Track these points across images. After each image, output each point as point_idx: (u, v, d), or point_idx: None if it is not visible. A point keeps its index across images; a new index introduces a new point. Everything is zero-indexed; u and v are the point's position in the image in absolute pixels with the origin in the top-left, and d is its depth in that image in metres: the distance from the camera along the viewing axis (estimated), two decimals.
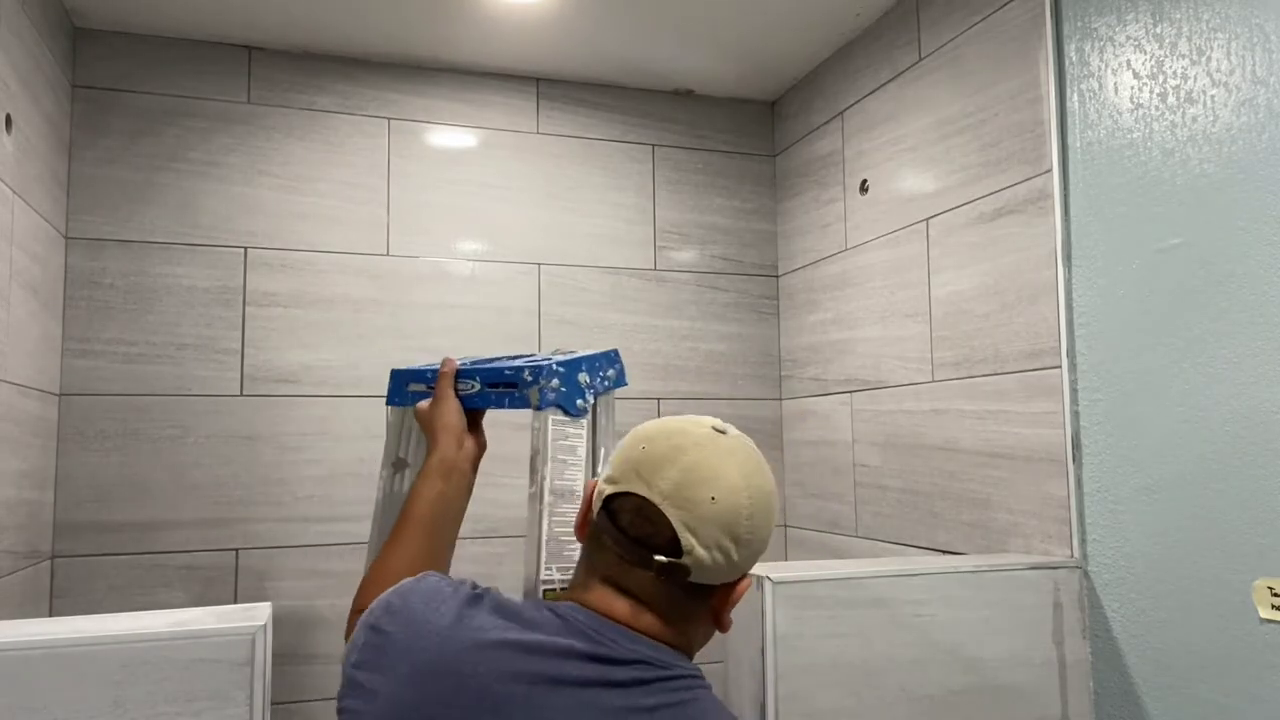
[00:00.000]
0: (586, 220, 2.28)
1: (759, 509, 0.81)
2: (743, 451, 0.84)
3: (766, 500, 0.82)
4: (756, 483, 0.82)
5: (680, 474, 0.79)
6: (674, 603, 0.80)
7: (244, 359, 2.01)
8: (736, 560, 0.79)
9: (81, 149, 1.95)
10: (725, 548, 0.78)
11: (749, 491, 0.80)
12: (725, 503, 0.79)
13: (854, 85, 2.09)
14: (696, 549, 0.77)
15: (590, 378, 1.05)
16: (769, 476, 0.84)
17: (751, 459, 0.84)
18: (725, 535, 0.78)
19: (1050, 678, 1.39)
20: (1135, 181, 1.38)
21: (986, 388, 1.65)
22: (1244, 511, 1.20)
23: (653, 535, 0.78)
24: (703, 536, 0.78)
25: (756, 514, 0.80)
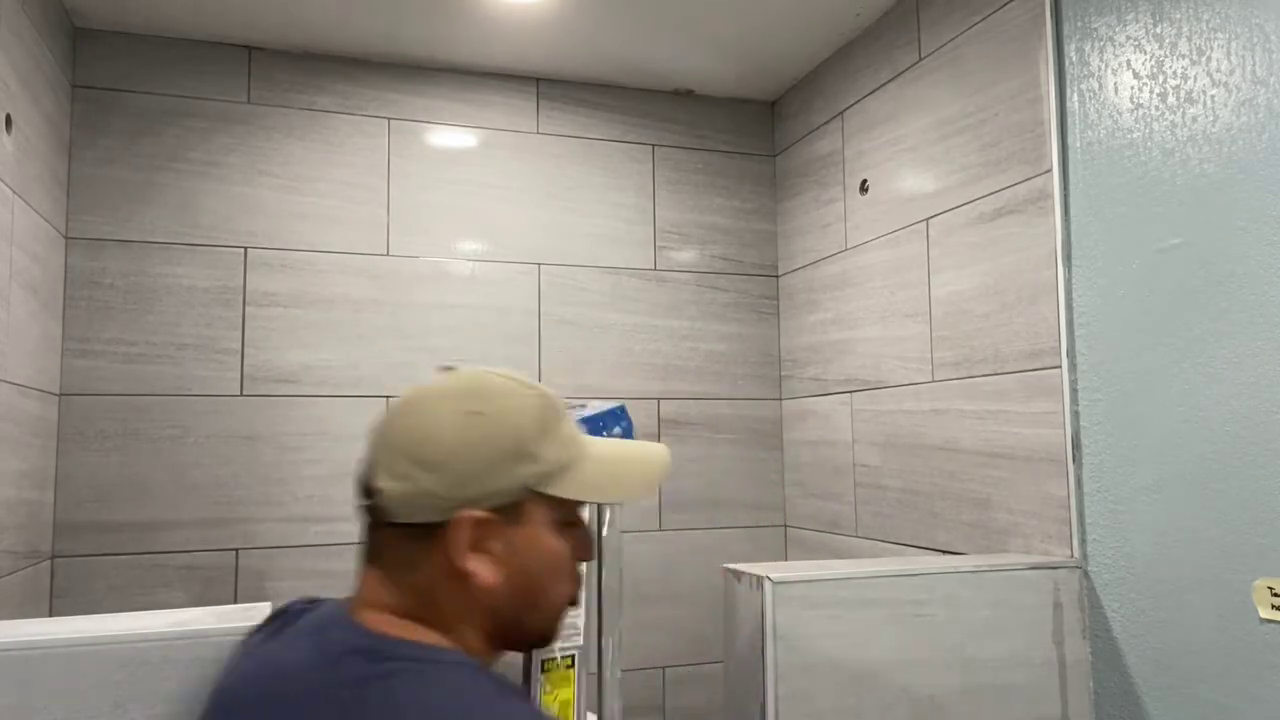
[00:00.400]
0: (586, 220, 2.28)
1: (452, 428, 0.73)
2: (457, 378, 0.78)
3: (466, 420, 0.73)
4: (455, 404, 0.74)
5: (389, 417, 0.76)
6: (399, 561, 0.74)
7: (244, 359, 2.01)
8: (430, 488, 0.71)
9: (81, 149, 1.95)
10: (411, 474, 0.72)
11: (441, 411, 0.74)
12: (411, 426, 0.74)
13: (854, 85, 2.09)
14: (385, 481, 0.72)
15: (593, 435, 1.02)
16: (481, 399, 0.75)
17: (462, 383, 0.77)
18: (408, 460, 0.72)
19: (1050, 678, 1.39)
20: (1135, 181, 1.38)
21: (986, 388, 1.65)
22: (1244, 511, 1.20)
23: (363, 483, 0.76)
24: (389, 466, 0.73)
25: (448, 435, 0.72)
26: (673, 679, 2.21)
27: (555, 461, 0.75)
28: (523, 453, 0.74)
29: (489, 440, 0.73)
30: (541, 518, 0.75)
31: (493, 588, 0.73)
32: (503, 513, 0.73)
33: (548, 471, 0.75)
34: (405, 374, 2.10)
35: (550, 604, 0.78)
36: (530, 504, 0.74)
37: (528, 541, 0.75)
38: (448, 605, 0.74)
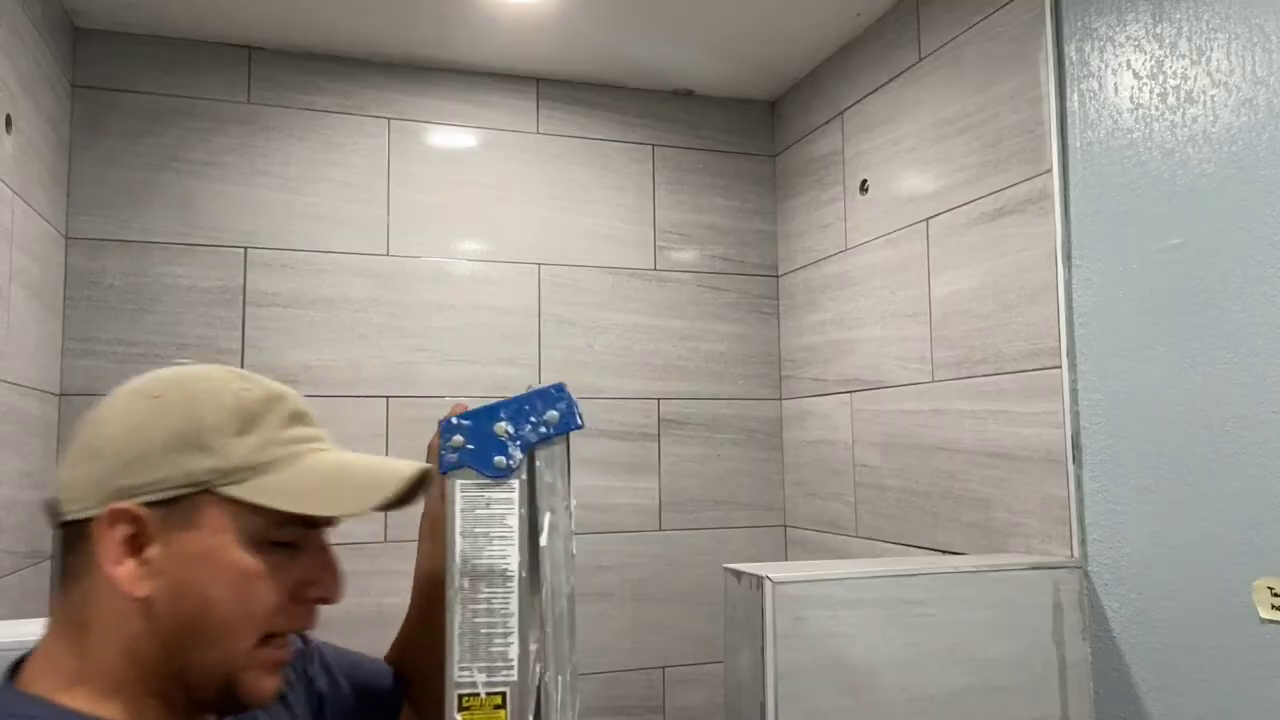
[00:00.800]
0: (586, 220, 2.28)
1: (123, 410, 0.65)
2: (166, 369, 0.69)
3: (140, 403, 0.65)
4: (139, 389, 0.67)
5: None
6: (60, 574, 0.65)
7: (244, 359, 2.01)
8: (87, 474, 0.63)
9: (81, 149, 1.95)
10: (76, 461, 0.64)
11: (121, 395, 0.67)
12: (91, 414, 0.67)
13: (854, 85, 2.09)
14: (60, 473, 0.65)
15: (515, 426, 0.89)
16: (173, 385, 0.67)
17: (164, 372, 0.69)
18: (75, 449, 0.65)
19: (1050, 678, 1.39)
20: (1135, 181, 1.38)
21: (986, 388, 1.65)
22: (1244, 511, 1.20)
23: None
24: (65, 459, 0.66)
25: (116, 419, 0.64)
26: (673, 679, 2.21)
27: (242, 460, 0.64)
28: (198, 443, 0.63)
29: (156, 424, 0.64)
30: (224, 525, 0.63)
31: (143, 600, 0.62)
32: (166, 510, 0.62)
33: (227, 469, 0.64)
34: (405, 374, 2.10)
35: (223, 636, 0.63)
36: (208, 507, 0.63)
37: (198, 549, 0.63)
38: (100, 633, 0.62)
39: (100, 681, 0.62)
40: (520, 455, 0.88)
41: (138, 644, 0.62)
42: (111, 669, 0.62)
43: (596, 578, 2.16)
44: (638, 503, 2.23)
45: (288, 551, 0.67)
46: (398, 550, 2.05)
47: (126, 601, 0.62)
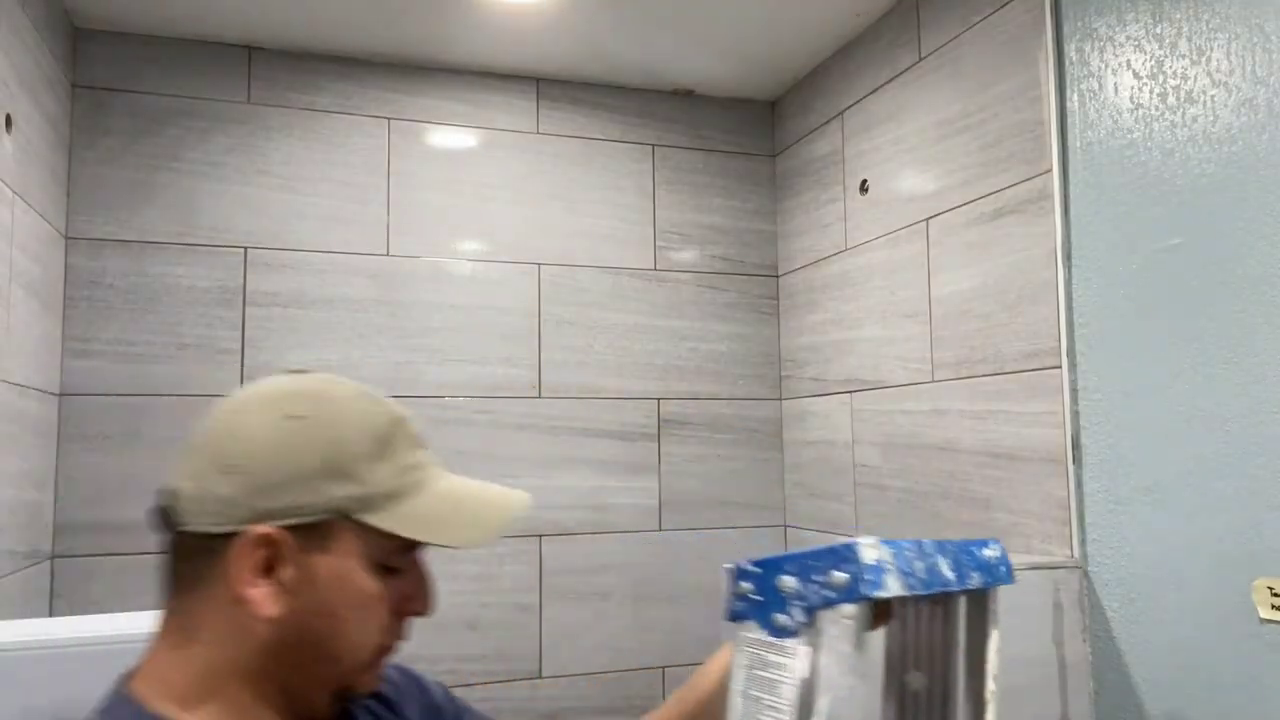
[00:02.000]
0: (586, 220, 2.28)
1: (261, 428, 0.64)
2: (290, 380, 0.69)
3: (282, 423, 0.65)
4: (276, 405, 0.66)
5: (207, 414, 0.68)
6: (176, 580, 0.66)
7: (244, 359, 2.01)
8: (221, 492, 0.62)
9: (81, 149, 1.95)
10: (205, 473, 0.63)
11: (256, 410, 0.66)
12: (219, 425, 0.66)
13: (854, 85, 2.09)
14: (178, 483, 0.65)
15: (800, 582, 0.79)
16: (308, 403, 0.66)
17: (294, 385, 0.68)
18: (207, 461, 0.64)
19: (1050, 678, 1.38)
20: (1135, 181, 1.38)
21: (986, 388, 1.65)
22: (1243, 511, 1.20)
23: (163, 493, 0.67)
24: (186, 469, 0.65)
25: (256, 436, 0.64)
26: (673, 679, 2.21)
27: (381, 487, 0.65)
28: (341, 470, 0.64)
29: (303, 448, 0.64)
30: (355, 550, 0.64)
31: (272, 620, 0.62)
32: (303, 535, 0.63)
33: (368, 496, 0.64)
34: (405, 374, 2.11)
35: (346, 655, 0.65)
36: (343, 531, 0.64)
37: (331, 574, 0.64)
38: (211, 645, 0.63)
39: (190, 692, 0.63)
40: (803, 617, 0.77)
41: (253, 659, 0.63)
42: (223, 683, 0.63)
43: (596, 578, 2.16)
44: (638, 503, 2.23)
45: (395, 575, 0.68)
46: None
47: (250, 619, 0.62)
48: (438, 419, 2.11)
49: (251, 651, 0.63)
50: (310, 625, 0.63)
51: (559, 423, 2.19)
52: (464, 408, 2.14)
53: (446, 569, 2.06)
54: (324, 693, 0.66)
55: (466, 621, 2.07)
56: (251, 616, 0.62)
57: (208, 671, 0.63)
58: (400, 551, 0.67)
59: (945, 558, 0.80)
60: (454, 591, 2.06)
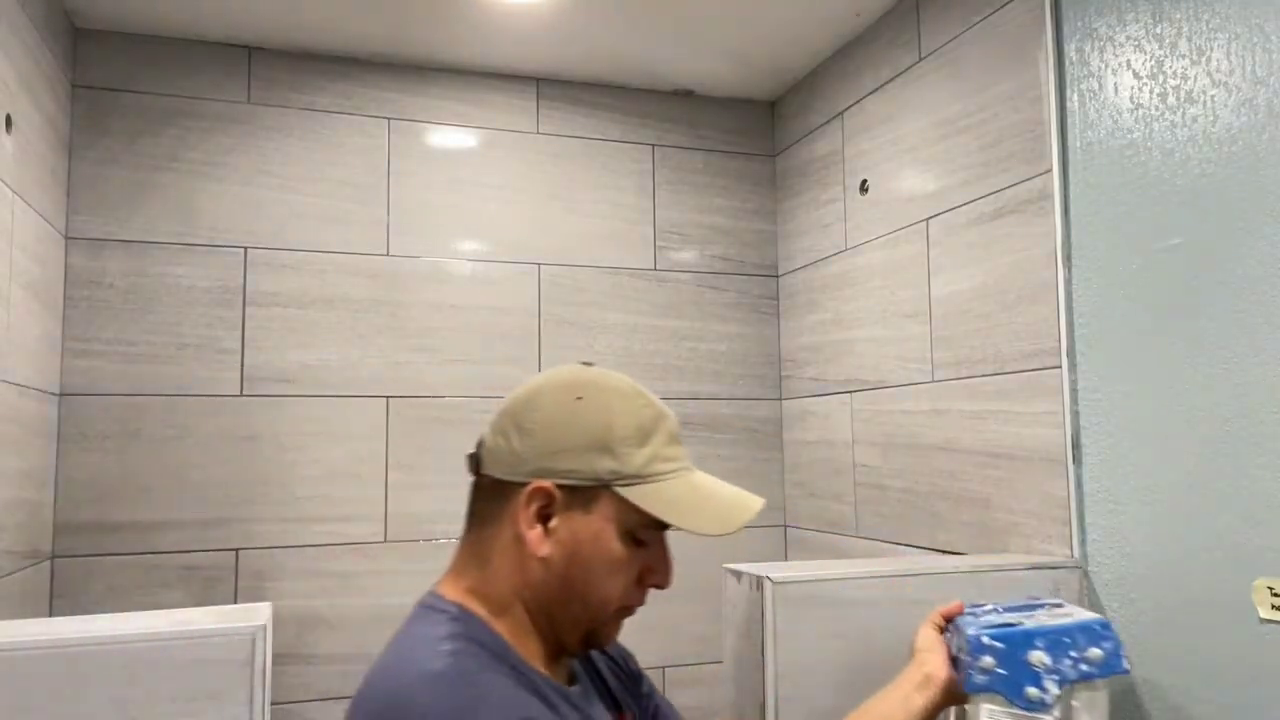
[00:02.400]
0: (586, 220, 2.28)
1: (554, 404, 0.81)
2: (582, 371, 0.86)
3: (568, 403, 0.81)
4: (567, 388, 0.83)
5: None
6: (477, 515, 0.85)
7: (244, 359, 2.01)
8: (516, 447, 0.80)
9: (81, 149, 1.95)
10: (507, 432, 0.82)
11: (545, 389, 0.84)
12: (523, 396, 0.84)
13: (854, 85, 2.09)
14: (487, 436, 0.84)
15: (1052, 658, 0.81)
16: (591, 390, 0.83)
17: (580, 375, 0.85)
18: (509, 421, 0.82)
19: None
20: (1135, 181, 1.38)
21: (986, 388, 1.65)
22: (1244, 511, 1.20)
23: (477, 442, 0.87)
24: (494, 424, 0.84)
25: (546, 408, 0.81)
26: (673, 679, 2.21)
27: (637, 469, 0.79)
28: (607, 447, 0.79)
29: (580, 425, 0.80)
30: (610, 516, 0.79)
31: (543, 559, 0.79)
32: (573, 494, 0.79)
33: (626, 474, 0.79)
34: (405, 374, 2.10)
35: (594, 602, 0.81)
36: (604, 499, 0.79)
37: (589, 531, 0.79)
38: (499, 570, 0.81)
39: (494, 603, 0.81)
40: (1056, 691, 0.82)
41: (527, 588, 0.80)
42: (502, 597, 0.81)
43: None
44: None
45: (641, 546, 0.82)
46: (397, 550, 2.05)
47: (526, 557, 0.80)
48: (438, 419, 2.11)
49: (526, 583, 0.80)
50: (568, 571, 0.79)
51: None
52: (464, 408, 2.14)
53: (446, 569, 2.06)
54: (575, 633, 0.82)
55: None
56: (527, 554, 0.79)
57: (502, 591, 0.81)
58: (648, 527, 0.81)
59: None
60: None
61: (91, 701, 0.92)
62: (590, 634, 0.83)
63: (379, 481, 2.06)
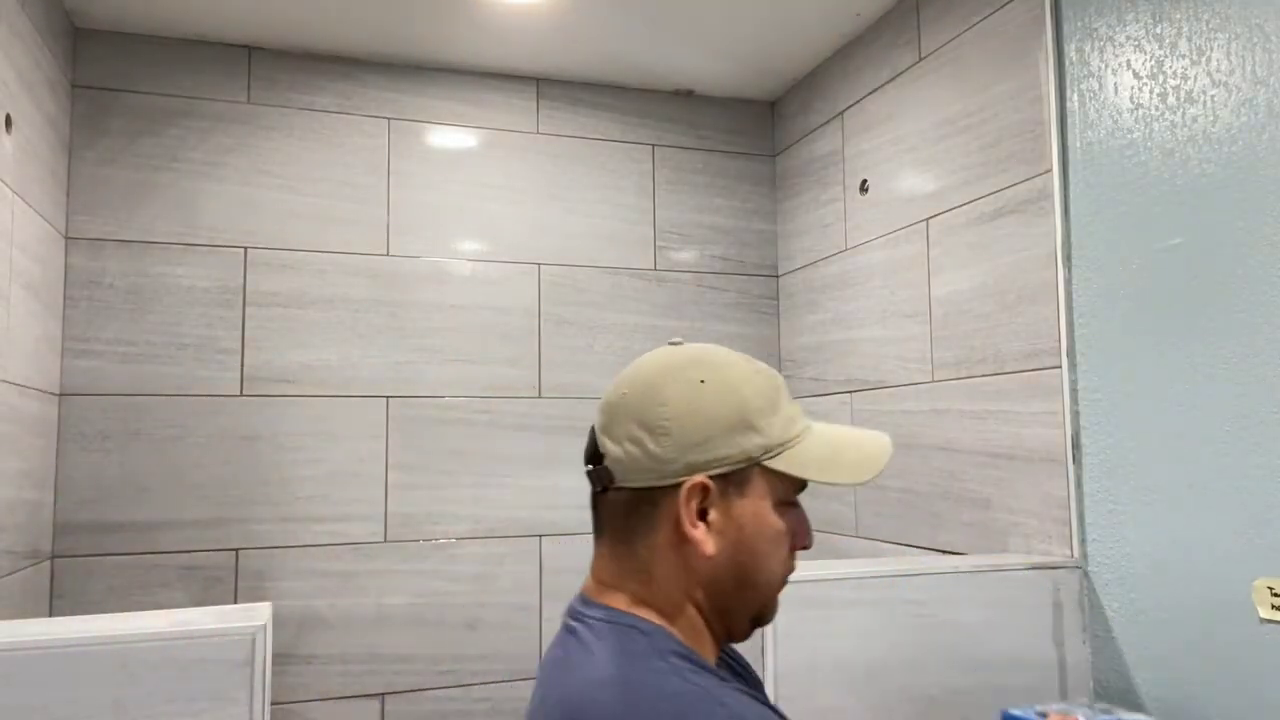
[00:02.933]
0: (586, 220, 2.28)
1: (680, 395, 0.74)
2: (681, 351, 0.79)
3: (694, 388, 0.74)
4: (682, 373, 0.76)
5: (611, 387, 0.79)
6: (620, 528, 0.77)
7: (244, 359, 2.01)
8: (654, 450, 0.73)
9: (81, 149, 1.95)
10: (638, 438, 0.73)
11: (668, 378, 0.75)
12: (636, 394, 0.75)
13: (854, 85, 2.09)
14: (609, 446, 0.75)
15: None
16: (707, 369, 0.76)
17: (684, 355, 0.78)
18: (636, 425, 0.74)
19: (1050, 678, 1.39)
20: (1135, 181, 1.38)
21: (986, 388, 1.65)
22: (1244, 511, 1.20)
23: (588, 452, 0.78)
24: (615, 432, 0.75)
25: (675, 401, 0.74)
26: None
27: (779, 437, 0.75)
28: (747, 423, 0.74)
29: (716, 408, 0.74)
30: (763, 492, 0.75)
31: (711, 557, 0.73)
32: (725, 481, 0.74)
33: (771, 445, 0.75)
34: (405, 374, 2.10)
35: (766, 581, 0.77)
36: (754, 477, 0.75)
37: (748, 514, 0.74)
38: (665, 578, 0.75)
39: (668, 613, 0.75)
40: None
41: (698, 589, 0.75)
42: (674, 605, 0.75)
43: None
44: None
45: (790, 509, 0.78)
46: (397, 550, 2.05)
47: (692, 558, 0.74)
48: (438, 419, 2.11)
49: (695, 584, 0.75)
50: (736, 560, 0.74)
51: (559, 423, 2.19)
52: (464, 408, 2.14)
53: (446, 569, 2.07)
54: (746, 619, 0.78)
55: (466, 621, 2.07)
56: (694, 555, 0.73)
57: (673, 598, 0.75)
58: (795, 490, 0.78)
59: None
60: (454, 591, 2.06)
61: (91, 701, 0.92)
62: (758, 616, 0.80)
63: (379, 481, 2.06)
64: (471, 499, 2.11)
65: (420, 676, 2.02)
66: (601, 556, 0.79)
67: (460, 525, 2.09)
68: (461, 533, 2.09)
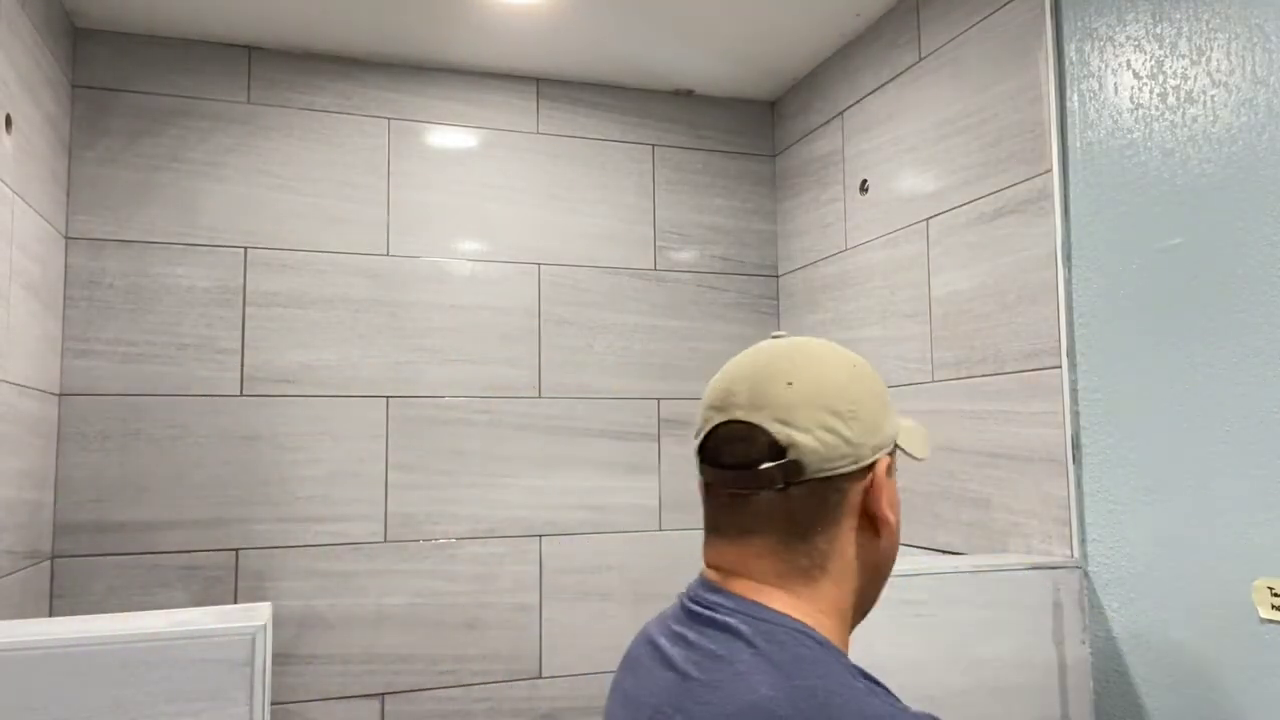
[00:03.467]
0: (586, 220, 2.28)
1: (850, 380, 0.73)
2: (805, 341, 0.78)
3: (854, 374, 0.74)
4: (838, 361, 0.75)
5: (751, 383, 0.75)
6: (801, 522, 0.71)
7: (244, 359, 2.01)
8: (850, 435, 0.70)
9: (81, 149, 1.95)
10: (831, 425, 0.70)
11: (831, 371, 0.73)
12: (806, 382, 0.72)
13: (854, 85, 2.09)
14: (798, 438, 0.70)
15: None
16: (844, 352, 0.77)
17: (814, 343, 0.77)
18: (825, 412, 0.71)
19: (1050, 678, 1.39)
20: (1135, 181, 1.38)
21: (986, 388, 1.65)
22: (1243, 512, 1.20)
23: (749, 451, 0.72)
24: (800, 422, 0.70)
25: (851, 388, 0.72)
26: None
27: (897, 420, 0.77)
28: (889, 405, 0.76)
29: (874, 392, 0.74)
30: (892, 469, 0.75)
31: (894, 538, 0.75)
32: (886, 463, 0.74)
33: (899, 426, 0.77)
34: (405, 374, 2.11)
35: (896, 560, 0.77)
36: (889, 456, 0.74)
37: (893, 491, 0.74)
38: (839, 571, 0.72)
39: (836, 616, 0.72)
40: None
41: (862, 577, 0.73)
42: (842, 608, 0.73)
43: (596, 578, 2.16)
44: (638, 503, 2.23)
45: None
46: (397, 550, 2.05)
47: (873, 542, 0.73)
48: (438, 419, 2.11)
49: (865, 572, 0.74)
50: (892, 537, 0.75)
51: (559, 423, 2.19)
52: (464, 408, 2.14)
53: (446, 569, 2.07)
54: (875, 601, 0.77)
55: (466, 621, 2.07)
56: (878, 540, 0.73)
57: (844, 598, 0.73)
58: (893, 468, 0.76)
59: None
60: (454, 591, 2.06)
61: (91, 701, 0.92)
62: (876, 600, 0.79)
63: (379, 481, 2.06)
64: (471, 499, 2.11)
65: (420, 676, 2.02)
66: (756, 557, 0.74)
67: (460, 525, 2.09)
68: (461, 533, 2.09)
